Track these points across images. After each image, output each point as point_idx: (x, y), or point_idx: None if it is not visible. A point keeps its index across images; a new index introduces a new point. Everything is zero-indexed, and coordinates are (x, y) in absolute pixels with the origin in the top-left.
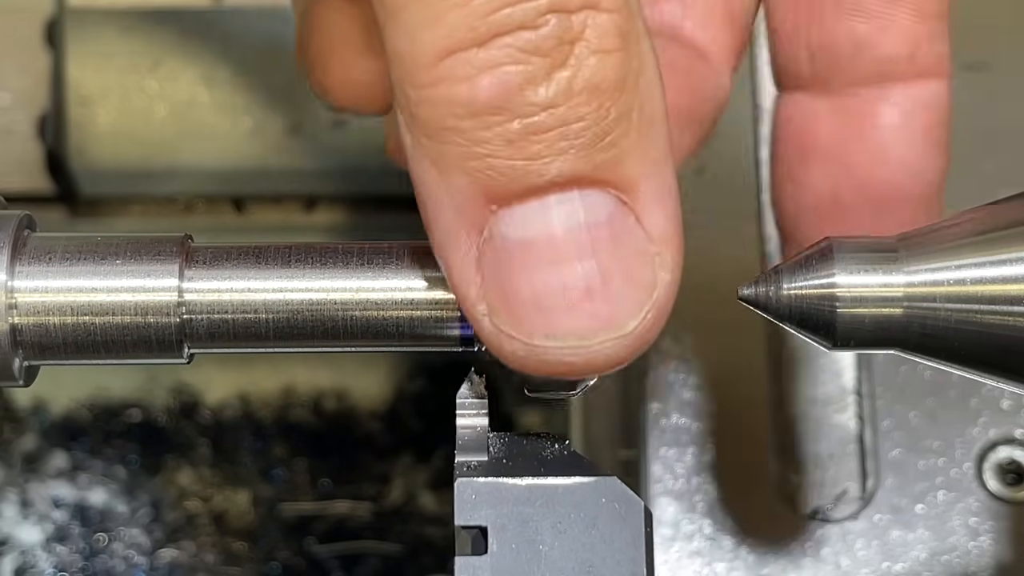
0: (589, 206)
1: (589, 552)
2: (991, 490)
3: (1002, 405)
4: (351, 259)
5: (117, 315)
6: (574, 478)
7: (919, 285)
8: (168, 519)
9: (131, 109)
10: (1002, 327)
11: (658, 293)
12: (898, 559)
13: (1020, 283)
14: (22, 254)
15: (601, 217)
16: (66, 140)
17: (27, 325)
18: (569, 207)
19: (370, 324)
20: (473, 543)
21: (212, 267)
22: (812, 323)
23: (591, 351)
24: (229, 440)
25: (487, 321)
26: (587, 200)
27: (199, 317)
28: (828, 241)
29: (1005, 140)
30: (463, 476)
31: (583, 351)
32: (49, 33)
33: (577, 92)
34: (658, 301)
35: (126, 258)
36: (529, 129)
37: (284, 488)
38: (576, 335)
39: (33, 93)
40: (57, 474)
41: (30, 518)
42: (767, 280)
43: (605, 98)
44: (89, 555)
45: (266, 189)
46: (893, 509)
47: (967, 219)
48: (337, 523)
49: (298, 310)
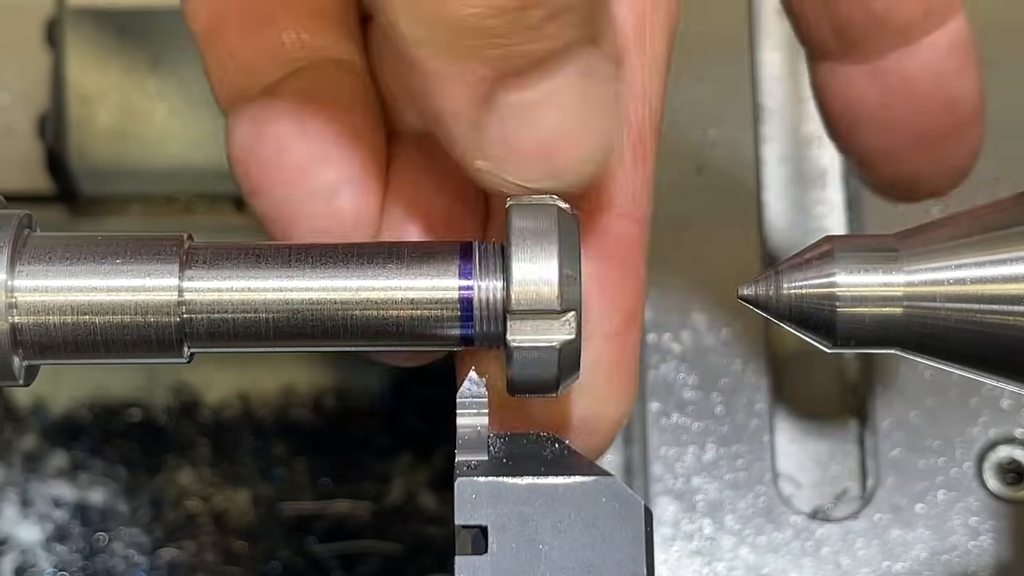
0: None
1: (589, 552)
2: (991, 489)
3: (1002, 405)
4: (351, 259)
5: (117, 314)
6: (574, 478)
7: (919, 284)
8: (168, 519)
9: (131, 109)
10: (1002, 327)
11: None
12: (898, 559)
13: (1020, 283)
14: (22, 254)
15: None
16: (66, 140)
17: (27, 324)
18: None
19: (370, 324)
20: (473, 543)
21: (212, 266)
22: (812, 323)
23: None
24: (229, 440)
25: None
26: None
27: (199, 316)
28: (828, 241)
29: (1005, 140)
30: (463, 476)
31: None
32: (49, 33)
33: None
34: None
35: (126, 257)
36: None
37: (284, 488)
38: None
39: (33, 93)
40: (57, 474)
41: (30, 518)
42: (767, 280)
43: None
44: (89, 555)
45: None
46: (893, 508)
47: (967, 219)
48: (337, 523)
49: (298, 310)
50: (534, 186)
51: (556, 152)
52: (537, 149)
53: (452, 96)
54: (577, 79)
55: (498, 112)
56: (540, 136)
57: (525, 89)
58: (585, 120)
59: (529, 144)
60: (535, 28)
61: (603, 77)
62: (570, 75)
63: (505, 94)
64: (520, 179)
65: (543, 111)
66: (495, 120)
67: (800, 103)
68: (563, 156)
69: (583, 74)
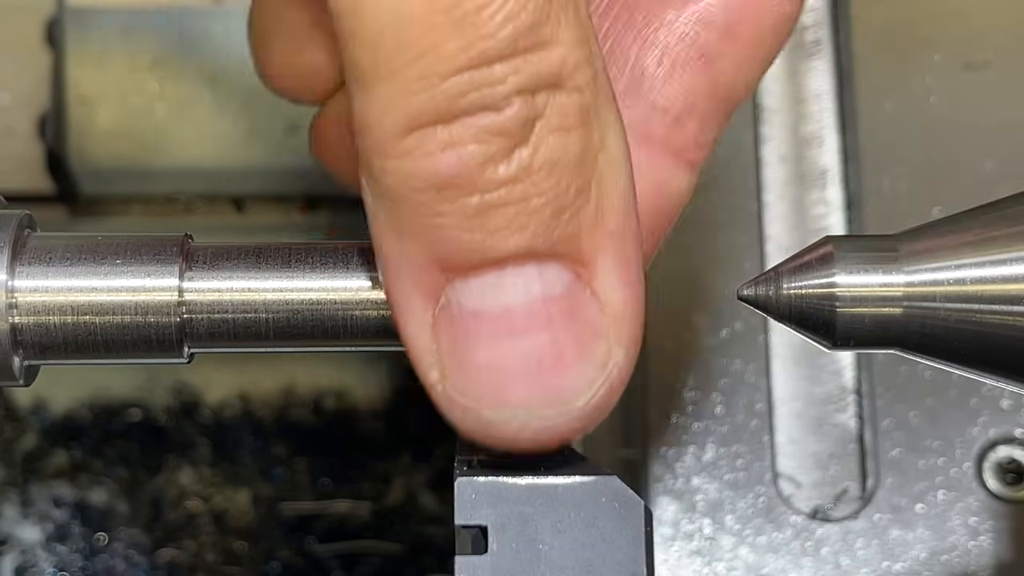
0: (545, 279)
1: (589, 552)
2: (991, 489)
3: (1002, 405)
4: (351, 259)
5: (117, 315)
6: (574, 477)
7: (919, 285)
8: (168, 519)
9: (131, 109)
10: (1002, 327)
11: (611, 371)
12: (898, 559)
13: (1020, 283)
14: (22, 254)
15: (557, 290)
16: (66, 140)
17: (27, 325)
18: (525, 279)
19: (370, 324)
20: (473, 543)
21: (212, 267)
22: (812, 323)
23: (538, 425)
24: (229, 440)
25: (439, 387)
26: (544, 273)
27: (199, 317)
28: (828, 241)
29: (1005, 140)
30: (463, 475)
31: (531, 424)
32: (49, 33)
33: (536, 169)
34: (611, 378)
35: (126, 258)
36: (488, 204)
37: (284, 488)
38: (525, 407)
39: (33, 93)
40: (57, 474)
41: (30, 518)
42: (767, 280)
43: (564, 174)
44: (89, 555)
45: (266, 189)
46: (893, 509)
47: (967, 219)
48: (337, 523)
49: (298, 310)
50: (482, 424)
51: (504, 385)
52: (486, 373)
53: (404, 286)
54: (539, 301)
55: (448, 314)
56: (490, 358)
57: (474, 292)
58: (542, 357)
59: (479, 363)
60: (471, 218)
61: (578, 313)
62: (527, 291)
63: (452, 292)
64: (467, 402)
65: (494, 326)
66: (445, 322)
67: (800, 103)
68: (513, 393)
69: (547, 296)
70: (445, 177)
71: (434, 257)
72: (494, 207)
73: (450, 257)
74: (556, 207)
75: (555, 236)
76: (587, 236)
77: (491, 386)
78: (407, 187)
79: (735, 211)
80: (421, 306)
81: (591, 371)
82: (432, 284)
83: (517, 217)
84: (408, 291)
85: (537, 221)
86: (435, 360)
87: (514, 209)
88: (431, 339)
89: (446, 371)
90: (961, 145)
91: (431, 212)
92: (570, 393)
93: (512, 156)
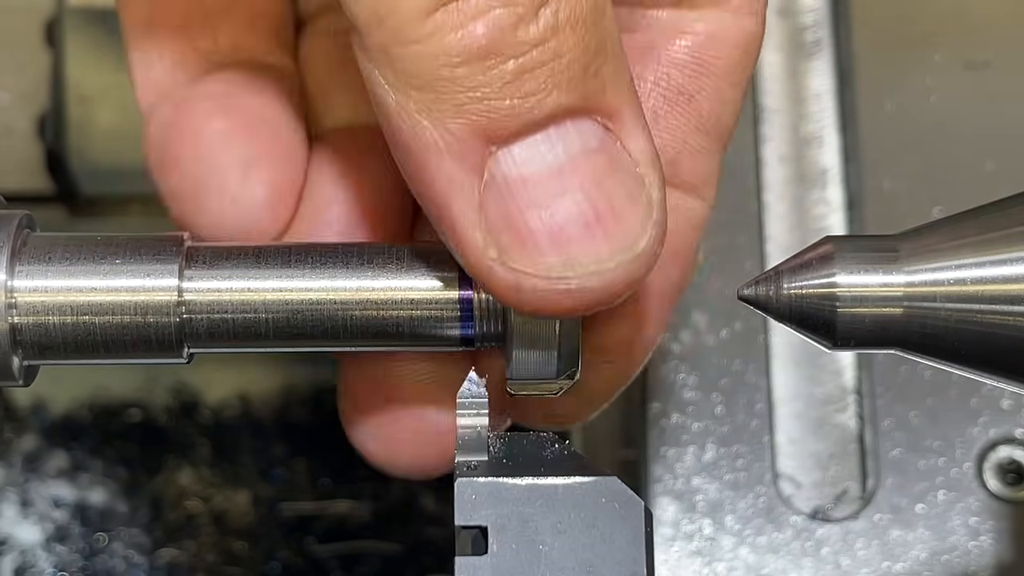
0: (584, 135)
1: (589, 552)
2: (991, 490)
3: (1002, 405)
4: (351, 259)
5: (117, 315)
6: (574, 478)
7: (919, 285)
8: (168, 519)
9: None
10: (1002, 327)
11: (656, 211)
12: (898, 559)
13: (1020, 283)
14: (22, 254)
15: (594, 144)
16: (66, 140)
17: (27, 325)
18: (565, 137)
19: (370, 324)
20: (473, 543)
21: (212, 267)
22: (812, 323)
23: (609, 275)
24: (229, 440)
25: (499, 266)
26: (581, 129)
27: (199, 317)
28: (828, 241)
29: (1005, 140)
30: (463, 476)
31: (602, 276)
32: (49, 33)
33: (562, 26)
34: (657, 218)
35: (126, 258)
36: (523, 67)
37: (284, 488)
38: (594, 260)
39: (33, 93)
40: (57, 474)
41: (30, 518)
42: (767, 280)
43: (585, 30)
44: (89, 555)
45: None
46: (893, 509)
47: (967, 219)
48: (337, 523)
49: (298, 310)
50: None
51: (569, 242)
52: (547, 235)
53: (445, 168)
54: (582, 156)
55: (496, 186)
56: (548, 220)
57: (519, 159)
58: (598, 208)
59: (537, 227)
60: (510, 83)
61: (617, 162)
62: (569, 148)
63: (496, 163)
64: (532, 269)
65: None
66: (494, 195)
67: (800, 103)
68: (578, 249)
69: (588, 151)
70: (477, 48)
71: (476, 130)
72: (529, 69)
73: (492, 128)
74: (584, 63)
75: (587, 91)
76: (611, 90)
77: (555, 248)
78: (439, 65)
79: (735, 211)
80: (468, 184)
81: (643, 213)
82: (476, 160)
83: (552, 76)
84: (451, 172)
85: (569, 77)
86: (490, 238)
87: (548, 69)
88: (481, 216)
89: (504, 246)
90: (961, 145)
91: (469, 86)
92: (632, 237)
93: (539, 15)
